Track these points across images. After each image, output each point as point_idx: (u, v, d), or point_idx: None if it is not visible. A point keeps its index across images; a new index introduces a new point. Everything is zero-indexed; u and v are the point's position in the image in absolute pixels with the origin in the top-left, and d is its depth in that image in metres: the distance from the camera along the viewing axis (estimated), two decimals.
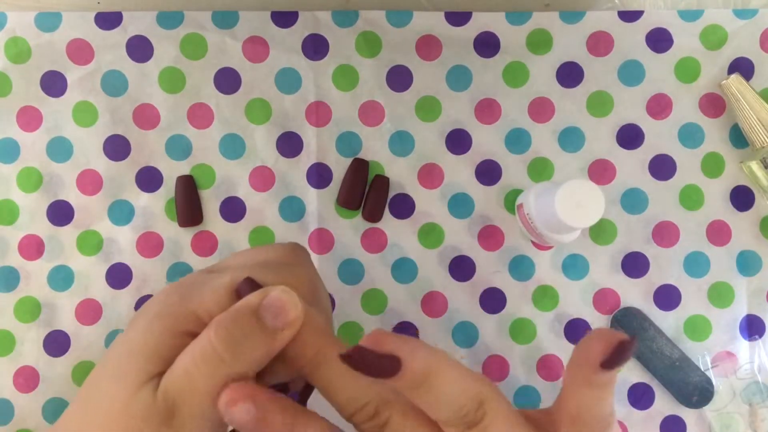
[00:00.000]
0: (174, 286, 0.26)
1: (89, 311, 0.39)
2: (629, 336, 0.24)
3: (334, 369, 0.25)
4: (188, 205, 0.39)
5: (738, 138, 0.39)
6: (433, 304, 0.39)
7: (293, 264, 0.28)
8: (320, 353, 0.25)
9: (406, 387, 0.24)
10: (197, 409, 0.23)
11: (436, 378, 0.25)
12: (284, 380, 0.26)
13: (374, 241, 0.39)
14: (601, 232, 0.39)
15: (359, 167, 0.39)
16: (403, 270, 0.39)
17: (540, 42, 0.40)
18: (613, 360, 0.25)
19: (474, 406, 0.24)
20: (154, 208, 0.39)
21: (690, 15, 0.39)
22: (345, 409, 0.25)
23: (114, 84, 0.39)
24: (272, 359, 0.24)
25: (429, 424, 0.25)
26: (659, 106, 0.39)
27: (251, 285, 0.25)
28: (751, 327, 0.39)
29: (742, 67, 0.39)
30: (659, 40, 0.39)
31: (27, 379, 0.39)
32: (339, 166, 0.40)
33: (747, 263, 0.39)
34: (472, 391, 0.24)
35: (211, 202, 0.39)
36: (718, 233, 0.39)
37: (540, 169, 0.40)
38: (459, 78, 0.40)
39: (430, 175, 0.40)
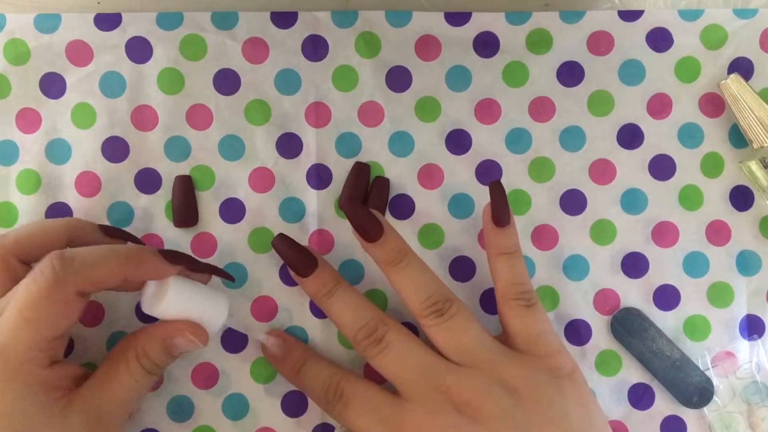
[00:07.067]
0: None
1: (91, 313, 0.39)
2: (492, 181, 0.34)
3: (339, 302, 0.35)
4: (184, 205, 0.39)
5: (737, 138, 0.39)
6: None
7: None
8: (333, 288, 0.35)
9: (382, 260, 0.34)
10: None
11: (412, 258, 0.34)
12: None
13: None
14: (601, 232, 0.39)
15: (361, 171, 0.39)
16: None
17: (540, 42, 0.40)
18: (496, 209, 0.34)
19: (441, 299, 0.33)
20: (153, 209, 0.39)
21: (690, 14, 0.39)
22: (350, 331, 0.34)
23: (112, 85, 0.39)
24: None
25: (417, 339, 0.34)
26: (659, 106, 0.39)
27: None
28: (751, 327, 0.39)
29: (742, 67, 0.39)
30: (659, 40, 0.39)
31: None
32: (339, 167, 0.40)
33: (747, 263, 0.39)
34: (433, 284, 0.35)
35: (210, 203, 0.39)
36: (718, 233, 0.39)
37: (541, 169, 0.40)
38: (459, 78, 0.40)
39: (430, 176, 0.40)
